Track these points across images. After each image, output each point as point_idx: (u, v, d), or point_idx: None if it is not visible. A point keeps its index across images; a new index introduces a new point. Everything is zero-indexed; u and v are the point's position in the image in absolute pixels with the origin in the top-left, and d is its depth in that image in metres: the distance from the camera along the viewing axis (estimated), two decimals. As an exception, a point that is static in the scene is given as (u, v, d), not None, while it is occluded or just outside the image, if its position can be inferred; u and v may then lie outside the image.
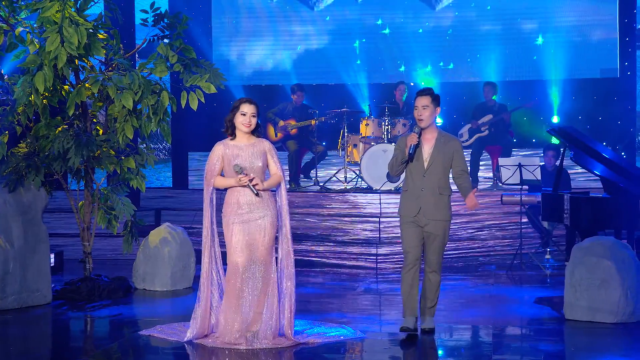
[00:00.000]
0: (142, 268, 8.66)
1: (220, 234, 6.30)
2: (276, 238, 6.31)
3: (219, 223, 6.29)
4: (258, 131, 6.31)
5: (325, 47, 14.30)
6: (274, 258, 6.25)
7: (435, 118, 6.51)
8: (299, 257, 10.32)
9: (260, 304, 6.15)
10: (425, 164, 6.41)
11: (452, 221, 6.65)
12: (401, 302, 6.47)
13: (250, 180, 6.10)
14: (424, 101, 6.41)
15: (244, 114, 6.19)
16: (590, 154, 8.58)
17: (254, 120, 6.20)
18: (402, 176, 6.92)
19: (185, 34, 8.12)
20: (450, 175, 6.53)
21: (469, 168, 6.66)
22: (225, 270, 6.30)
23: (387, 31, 14.09)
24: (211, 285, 6.32)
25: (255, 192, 6.10)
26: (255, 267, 6.15)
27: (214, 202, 6.33)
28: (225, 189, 6.29)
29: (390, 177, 10.61)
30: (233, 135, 6.25)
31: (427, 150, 6.43)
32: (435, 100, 6.45)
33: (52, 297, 7.91)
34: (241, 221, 6.16)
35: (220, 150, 6.23)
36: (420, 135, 6.43)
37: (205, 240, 6.29)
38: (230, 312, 6.14)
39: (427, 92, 6.47)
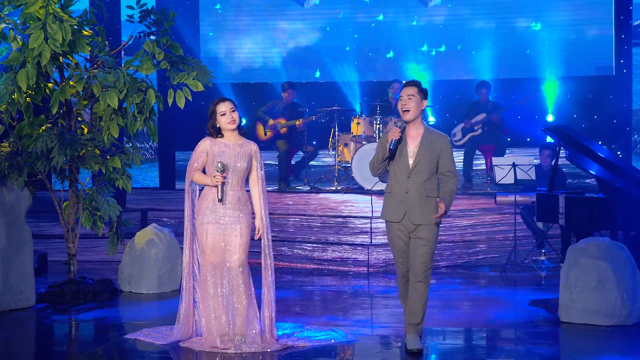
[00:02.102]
0: (128, 270, 8.64)
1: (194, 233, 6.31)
2: (256, 241, 6.30)
3: None
4: (244, 131, 6.31)
5: (315, 44, 14.30)
6: (247, 261, 6.22)
7: (421, 112, 6.06)
8: (288, 259, 10.33)
9: (243, 307, 6.13)
10: (410, 163, 5.98)
11: (443, 223, 6.44)
12: (393, 305, 6.43)
13: (223, 184, 6.10)
14: (409, 91, 5.98)
15: (224, 114, 6.19)
16: (585, 153, 8.59)
17: (235, 115, 6.20)
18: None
19: (172, 30, 8.11)
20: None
21: (456, 168, 6.13)
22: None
23: (380, 17, 14.09)
24: (193, 280, 6.31)
25: (220, 198, 6.10)
26: (232, 270, 6.13)
27: (197, 194, 6.33)
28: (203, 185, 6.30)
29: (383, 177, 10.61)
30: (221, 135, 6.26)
31: (412, 148, 6.00)
32: (422, 92, 6.01)
33: (36, 300, 7.87)
34: (216, 221, 6.15)
35: (207, 145, 6.22)
36: (404, 130, 6.02)
37: (186, 234, 6.30)
38: (210, 316, 6.14)
39: (413, 82, 6.07)
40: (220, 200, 6.11)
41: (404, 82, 6.19)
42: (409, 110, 5.98)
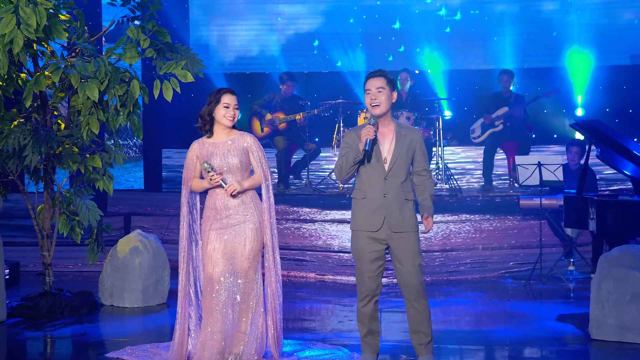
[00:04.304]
0: (110, 281, 8.66)
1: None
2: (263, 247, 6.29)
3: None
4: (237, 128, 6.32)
5: (317, 30, 14.31)
6: (258, 270, 6.22)
7: (391, 106, 6.01)
8: (290, 270, 10.34)
9: (242, 322, 6.14)
10: (387, 165, 5.91)
11: (459, 228, 6.45)
12: (402, 321, 6.40)
13: (224, 180, 6.10)
14: (377, 83, 5.93)
15: (227, 106, 6.17)
16: (619, 152, 8.59)
17: (237, 113, 6.21)
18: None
19: (158, 14, 8.13)
20: None
21: (430, 165, 6.15)
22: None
23: None
24: (189, 305, 6.30)
25: (230, 191, 6.12)
26: (234, 280, 6.13)
27: (197, 207, 6.33)
28: (207, 192, 6.29)
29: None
30: (210, 131, 6.25)
31: (386, 147, 5.95)
32: (391, 83, 5.98)
33: (7, 314, 7.89)
34: (219, 227, 6.17)
35: (196, 149, 6.24)
36: (377, 127, 5.95)
37: (181, 253, 6.28)
38: (206, 331, 6.14)
39: (379, 72, 6.00)
40: (234, 196, 6.12)
41: (369, 73, 6.11)
42: (379, 105, 5.95)
